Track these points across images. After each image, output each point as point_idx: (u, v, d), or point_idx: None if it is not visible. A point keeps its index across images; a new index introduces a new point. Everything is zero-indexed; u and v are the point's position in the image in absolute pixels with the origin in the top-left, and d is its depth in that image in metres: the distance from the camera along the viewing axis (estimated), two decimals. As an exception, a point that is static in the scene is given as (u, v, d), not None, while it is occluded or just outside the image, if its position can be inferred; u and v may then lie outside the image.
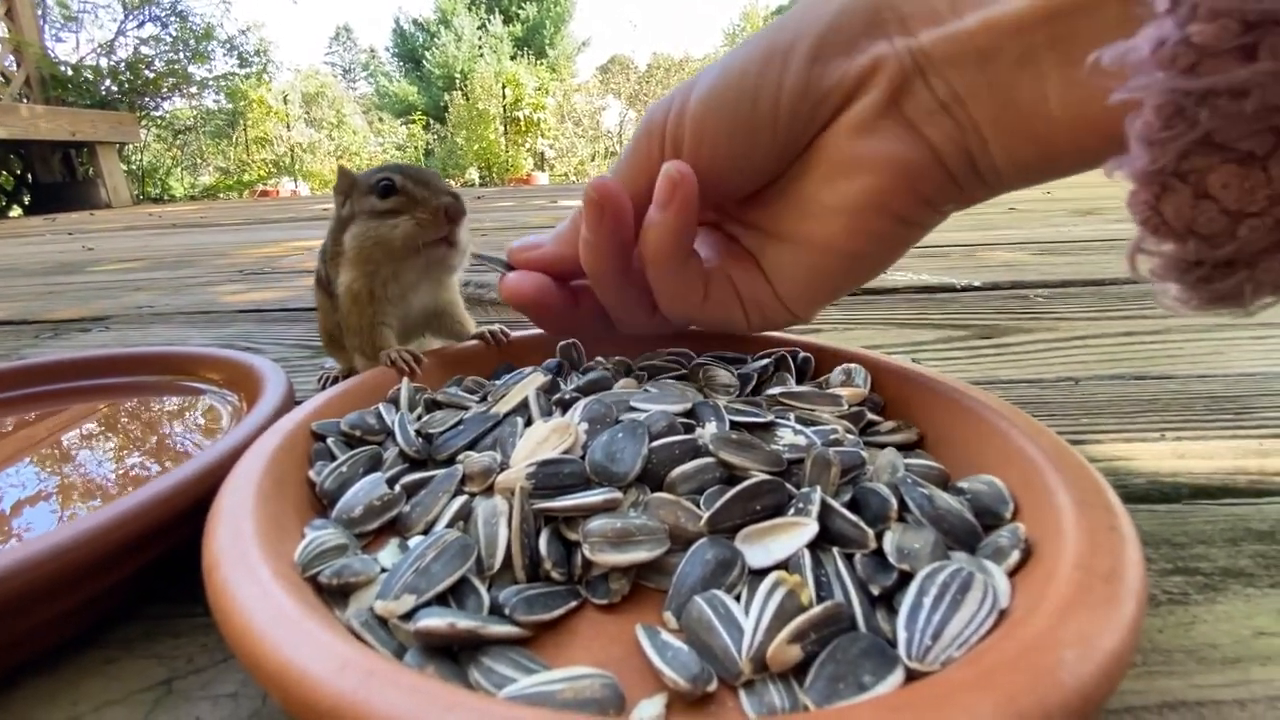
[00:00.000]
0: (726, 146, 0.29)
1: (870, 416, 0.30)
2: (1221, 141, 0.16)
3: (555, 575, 0.22)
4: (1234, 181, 0.16)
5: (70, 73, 5.80)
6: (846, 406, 0.30)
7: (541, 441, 0.26)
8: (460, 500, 0.24)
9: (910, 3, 0.25)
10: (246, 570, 0.19)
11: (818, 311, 0.34)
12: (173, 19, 7.53)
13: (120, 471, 0.35)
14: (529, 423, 0.29)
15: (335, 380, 0.44)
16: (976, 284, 0.76)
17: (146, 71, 6.87)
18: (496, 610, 0.20)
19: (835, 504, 0.22)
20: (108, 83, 6.41)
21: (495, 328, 0.41)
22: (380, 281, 0.38)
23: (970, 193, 0.29)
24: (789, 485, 0.23)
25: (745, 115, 0.28)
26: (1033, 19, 0.22)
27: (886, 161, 0.27)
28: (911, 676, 0.17)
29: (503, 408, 0.30)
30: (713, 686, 0.17)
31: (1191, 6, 0.15)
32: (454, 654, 0.18)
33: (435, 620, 0.18)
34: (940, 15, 0.25)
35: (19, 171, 4.91)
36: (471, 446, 0.28)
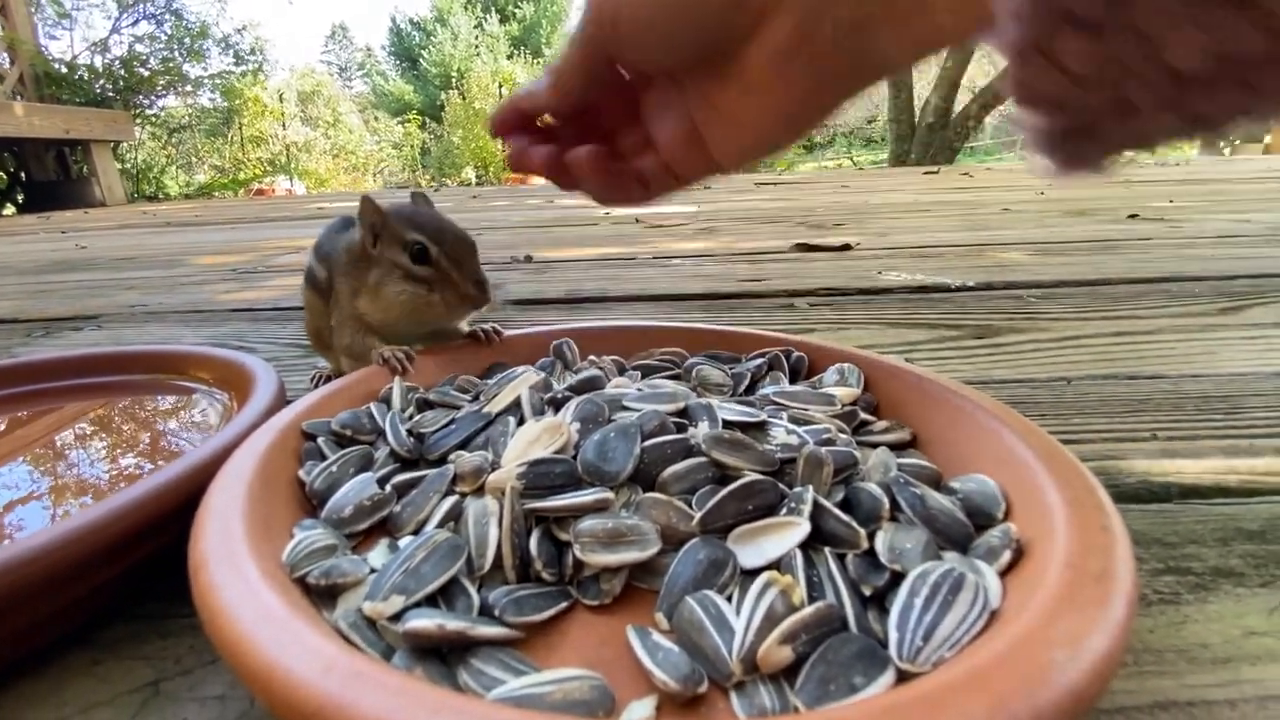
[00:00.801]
0: (659, 23, 0.31)
1: (863, 416, 0.30)
2: (1080, 12, 0.18)
3: (546, 576, 0.22)
4: (1085, 53, 0.18)
5: (64, 70, 5.77)
6: (839, 406, 0.30)
7: (533, 441, 0.26)
8: (451, 500, 0.24)
9: None
10: (233, 570, 0.19)
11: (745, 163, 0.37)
12: (168, 17, 7.50)
13: (110, 470, 0.35)
14: (521, 422, 0.29)
15: (328, 379, 0.44)
16: (970, 284, 0.76)
17: (141, 69, 6.84)
18: (486, 611, 0.20)
19: (827, 504, 0.22)
20: (102, 81, 6.38)
21: (488, 326, 0.41)
22: (389, 325, 0.38)
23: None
24: (781, 485, 0.23)
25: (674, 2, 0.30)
26: None
27: (795, 89, 0.31)
28: (903, 677, 0.17)
29: (495, 407, 0.30)
30: (703, 688, 0.17)
31: None
32: (443, 655, 0.18)
33: (424, 621, 0.18)
34: None
35: (12, 170, 4.88)
36: (463, 446, 0.28)
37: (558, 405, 0.30)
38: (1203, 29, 0.17)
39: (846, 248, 1.05)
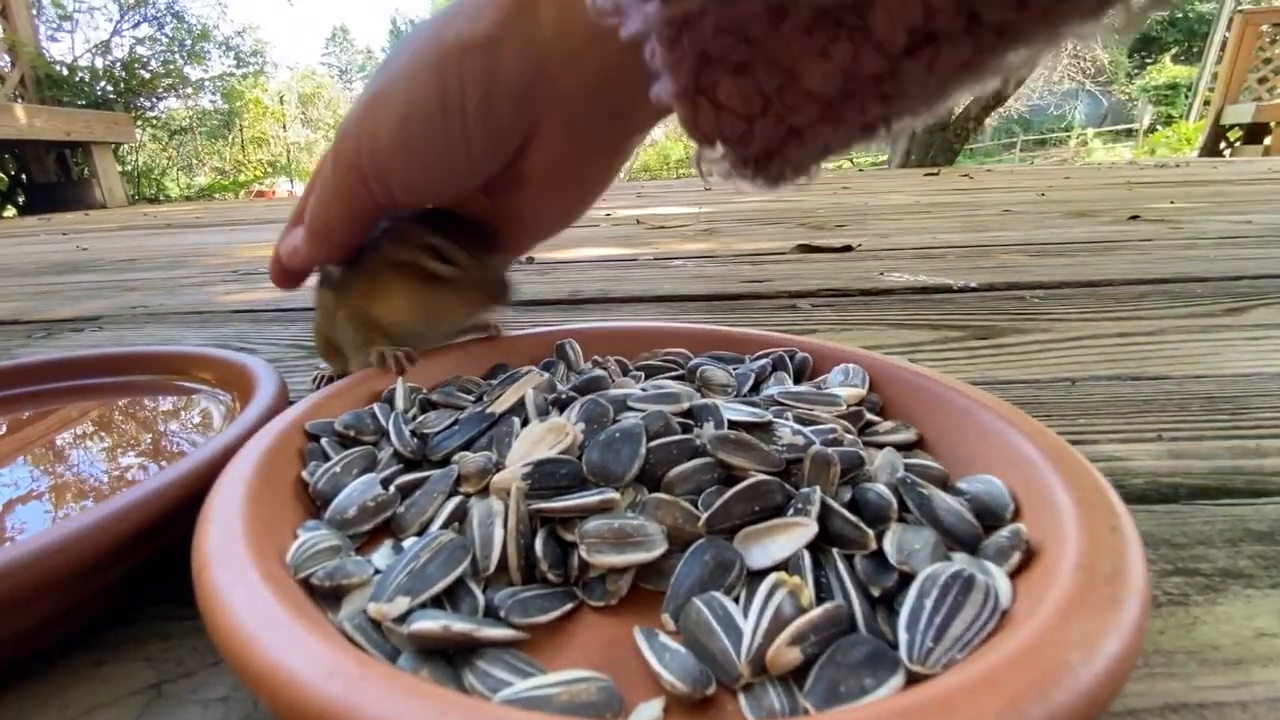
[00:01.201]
0: (424, 174, 0.32)
1: (869, 416, 0.30)
2: (716, 57, 0.19)
3: (551, 577, 0.22)
4: (735, 91, 0.20)
5: (65, 73, 5.78)
6: (845, 406, 0.30)
7: (538, 441, 0.26)
8: (455, 501, 0.24)
9: (539, 46, 0.28)
10: (236, 572, 0.18)
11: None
12: (169, 19, 7.51)
13: (112, 472, 0.35)
14: (525, 422, 0.29)
15: (330, 380, 0.43)
16: (973, 285, 0.76)
17: (142, 72, 6.85)
18: (492, 612, 0.20)
19: (835, 504, 0.22)
20: (103, 83, 6.38)
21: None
22: (404, 325, 0.37)
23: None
24: (788, 485, 0.23)
25: (441, 153, 0.30)
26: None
27: (578, 176, 0.33)
28: (913, 679, 0.16)
29: (499, 407, 0.30)
30: (711, 690, 0.17)
31: None
32: (449, 657, 0.18)
33: (429, 623, 0.18)
34: (562, 59, 0.28)
35: (13, 171, 4.88)
36: (467, 447, 0.28)
37: (562, 406, 0.30)
38: (827, 58, 0.19)
39: (848, 249, 1.05)
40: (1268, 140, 4.21)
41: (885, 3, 0.17)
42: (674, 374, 0.35)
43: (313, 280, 0.40)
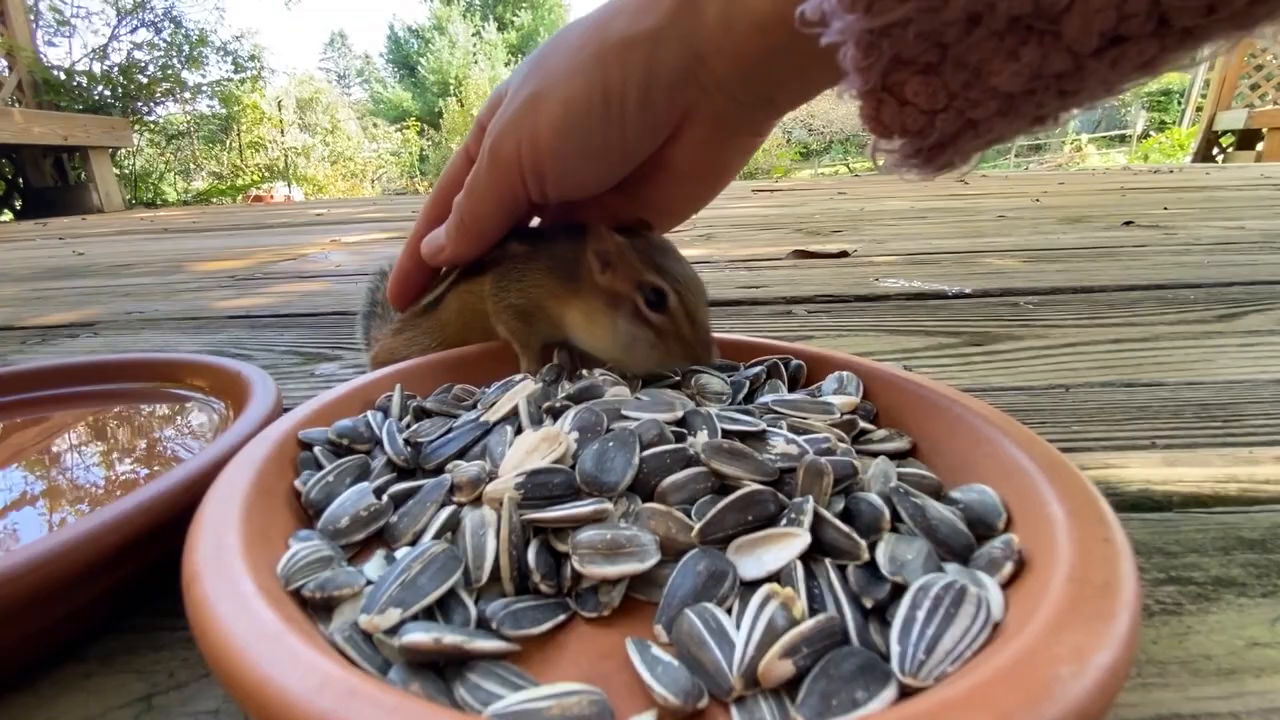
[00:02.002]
0: (581, 167, 0.34)
1: (862, 425, 0.30)
2: (907, 59, 0.21)
3: (544, 588, 0.21)
4: (922, 89, 0.22)
5: (63, 77, 5.77)
6: (839, 415, 0.30)
7: (531, 450, 0.26)
8: (448, 510, 0.24)
9: (700, 38, 0.30)
10: (227, 583, 0.18)
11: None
12: (166, 24, 7.52)
13: (104, 480, 0.34)
14: (519, 431, 0.29)
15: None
16: (967, 291, 0.76)
17: (140, 76, 6.84)
18: (484, 624, 0.20)
19: (828, 514, 0.22)
20: (100, 87, 6.38)
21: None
22: (598, 352, 0.36)
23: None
24: (781, 495, 0.23)
25: (598, 144, 0.33)
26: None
27: (720, 161, 0.35)
28: (905, 692, 0.16)
29: (493, 415, 0.30)
30: (703, 703, 0.17)
31: None
32: (440, 669, 0.18)
33: (420, 635, 0.18)
34: (723, 48, 0.29)
35: (10, 176, 4.87)
36: (461, 455, 0.28)
37: (556, 414, 0.30)
38: (1016, 59, 0.20)
39: (844, 254, 1.05)
40: (1260, 146, 4.23)
41: (1081, 9, 0.18)
42: (668, 382, 0.35)
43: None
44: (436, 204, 0.40)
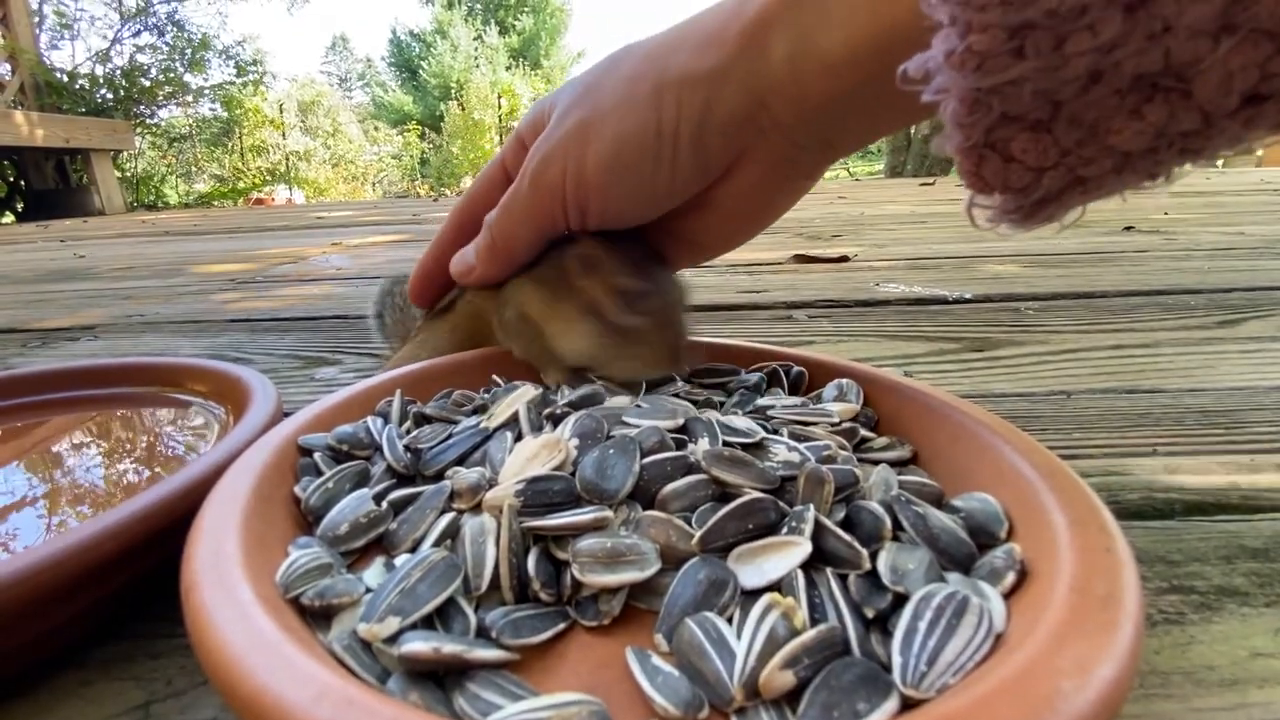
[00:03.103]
0: (625, 204, 0.33)
1: (863, 433, 0.30)
2: (1015, 115, 0.20)
3: (544, 596, 0.21)
4: (1031, 146, 0.20)
5: (65, 80, 5.80)
6: (839, 422, 0.30)
7: (531, 457, 0.26)
8: (448, 518, 0.24)
9: (764, 79, 0.28)
10: (225, 591, 0.18)
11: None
12: (169, 28, 7.55)
13: (102, 486, 0.34)
14: (519, 437, 0.28)
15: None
16: (967, 296, 0.76)
17: (142, 80, 6.87)
18: (484, 632, 0.20)
19: (829, 523, 0.22)
20: (103, 90, 6.40)
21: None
22: (576, 363, 0.36)
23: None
24: (782, 503, 0.23)
25: (646, 182, 0.32)
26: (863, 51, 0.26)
27: (767, 203, 0.34)
28: (906, 704, 0.16)
29: (493, 422, 0.30)
30: (704, 714, 0.17)
31: (966, 23, 0.18)
32: (439, 679, 0.18)
33: (420, 644, 0.17)
34: (787, 90, 0.28)
35: (12, 178, 4.89)
36: (460, 462, 0.28)
37: (556, 420, 0.29)
38: (1139, 118, 0.19)
39: (844, 259, 1.05)
40: (1260, 152, 4.25)
41: (1220, 68, 0.17)
42: (670, 389, 0.35)
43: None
44: (465, 211, 0.39)
